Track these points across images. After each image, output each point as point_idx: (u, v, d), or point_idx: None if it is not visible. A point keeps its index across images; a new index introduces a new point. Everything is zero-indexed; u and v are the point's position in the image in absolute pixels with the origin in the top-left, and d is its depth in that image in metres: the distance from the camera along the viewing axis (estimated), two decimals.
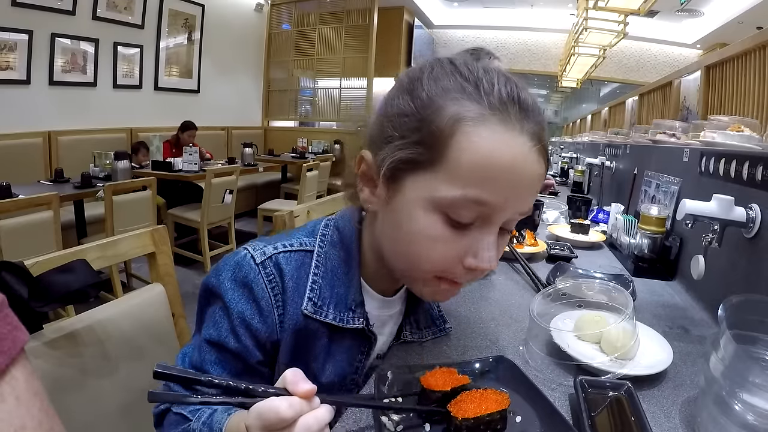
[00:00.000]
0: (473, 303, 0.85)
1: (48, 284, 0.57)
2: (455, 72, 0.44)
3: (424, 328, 0.65)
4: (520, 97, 0.44)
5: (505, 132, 0.42)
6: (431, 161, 0.43)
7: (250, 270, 0.50)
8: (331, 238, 0.55)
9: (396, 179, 0.45)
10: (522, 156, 0.42)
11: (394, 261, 0.50)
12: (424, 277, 0.48)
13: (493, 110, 0.42)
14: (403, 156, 0.44)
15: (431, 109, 0.42)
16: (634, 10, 3.94)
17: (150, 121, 4.71)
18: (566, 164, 3.33)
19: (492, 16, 8.36)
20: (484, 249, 0.45)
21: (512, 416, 0.49)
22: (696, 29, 7.25)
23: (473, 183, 0.42)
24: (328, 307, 0.52)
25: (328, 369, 0.54)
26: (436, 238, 0.44)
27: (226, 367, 0.50)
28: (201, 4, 5.29)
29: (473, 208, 0.43)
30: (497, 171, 0.42)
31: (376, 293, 0.57)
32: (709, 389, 0.46)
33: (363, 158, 0.48)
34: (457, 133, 0.41)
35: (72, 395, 0.61)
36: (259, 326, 0.50)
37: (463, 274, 0.46)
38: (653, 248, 1.10)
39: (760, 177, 0.76)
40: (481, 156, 0.41)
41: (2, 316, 0.23)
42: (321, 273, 0.53)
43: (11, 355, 0.23)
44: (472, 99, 0.42)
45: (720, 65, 2.31)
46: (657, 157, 1.43)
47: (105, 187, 2.54)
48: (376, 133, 0.47)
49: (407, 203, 0.44)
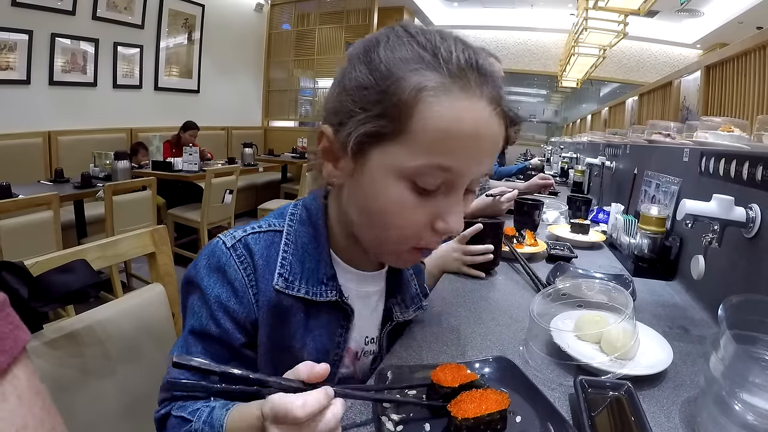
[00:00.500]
0: (473, 303, 0.85)
1: (48, 284, 0.57)
2: (412, 41, 0.45)
3: (410, 306, 0.66)
4: (478, 62, 0.44)
5: (466, 99, 0.43)
6: (395, 132, 0.43)
7: (222, 254, 0.51)
8: (299, 216, 0.56)
9: (361, 152, 0.46)
10: (483, 121, 0.44)
11: (363, 231, 0.51)
12: (395, 248, 0.49)
13: (453, 78, 0.43)
14: (367, 130, 0.44)
15: (391, 81, 0.43)
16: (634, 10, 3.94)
17: (150, 121, 4.71)
18: (566, 164, 3.33)
19: (492, 16, 8.36)
20: (451, 213, 0.46)
21: (512, 416, 0.49)
22: (696, 29, 7.25)
23: (438, 151, 0.43)
24: (300, 282, 0.53)
25: (309, 345, 0.54)
26: (404, 206, 0.45)
27: (213, 357, 0.51)
28: (201, 4, 5.29)
29: (438, 174, 0.44)
30: (461, 138, 0.43)
31: (351, 267, 0.58)
32: (709, 389, 0.46)
33: (323, 134, 0.49)
34: (420, 103, 0.42)
35: (72, 395, 0.61)
36: (237, 307, 0.51)
37: (432, 239, 0.48)
38: (653, 248, 1.10)
39: (760, 177, 0.76)
40: (444, 124, 0.42)
41: (4, 315, 0.23)
42: (291, 250, 0.54)
43: (13, 354, 0.23)
44: (432, 68, 0.43)
45: (720, 65, 2.31)
46: (657, 157, 1.43)
47: (105, 187, 2.54)
48: (335, 108, 0.48)
49: (374, 174, 0.45)
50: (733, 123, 1.21)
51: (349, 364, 0.61)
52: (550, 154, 4.71)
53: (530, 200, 1.43)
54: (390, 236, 0.48)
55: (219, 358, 0.51)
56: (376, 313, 0.63)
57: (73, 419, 0.61)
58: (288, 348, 0.53)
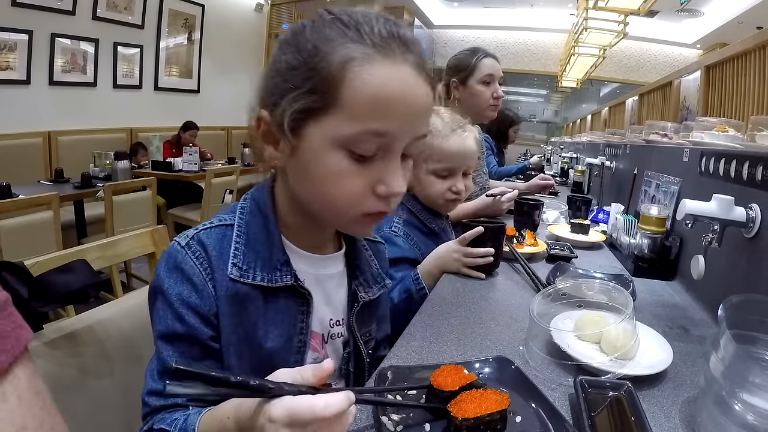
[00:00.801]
0: (473, 303, 0.85)
1: (48, 284, 0.57)
2: (335, 21, 0.48)
3: (373, 285, 0.66)
4: (400, 33, 0.48)
5: (392, 65, 0.46)
6: (328, 105, 0.46)
7: (178, 253, 0.53)
8: (249, 209, 0.57)
9: (298, 129, 0.48)
10: (409, 85, 0.47)
11: (314, 207, 0.52)
12: (348, 217, 0.51)
13: (377, 48, 0.46)
14: (300, 106, 0.46)
15: (319, 57, 0.46)
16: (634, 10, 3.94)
17: (150, 121, 4.71)
18: (566, 164, 3.33)
19: (492, 16, 8.36)
20: (390, 175, 0.49)
21: (512, 416, 0.49)
22: (696, 29, 7.25)
23: (370, 117, 0.46)
24: (255, 270, 0.54)
25: (272, 333, 0.55)
26: (344, 174, 0.47)
27: (186, 357, 0.51)
28: (201, 4, 5.29)
29: (373, 140, 0.47)
30: (389, 102, 0.46)
31: (305, 252, 0.58)
32: (709, 389, 0.46)
33: (261, 118, 0.50)
34: (348, 74, 0.45)
35: (72, 395, 0.61)
36: (198, 302, 0.52)
37: (377, 204, 0.50)
38: (653, 248, 1.10)
39: (760, 177, 0.76)
40: (372, 90, 0.45)
41: (6, 314, 0.23)
42: (243, 241, 0.55)
43: (14, 353, 0.23)
44: (356, 41, 0.46)
45: (720, 65, 2.31)
46: (657, 157, 1.43)
47: (105, 187, 2.54)
48: (268, 92, 0.50)
49: (312, 148, 0.48)
50: (728, 123, 1.25)
51: (318, 347, 0.61)
52: (550, 154, 4.70)
53: (530, 200, 1.43)
54: (337, 205, 0.49)
55: (190, 357, 0.52)
56: (339, 295, 0.63)
57: (73, 419, 0.61)
58: (251, 338, 0.54)
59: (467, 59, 1.61)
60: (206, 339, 0.52)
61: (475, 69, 1.60)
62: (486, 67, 1.60)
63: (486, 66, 1.60)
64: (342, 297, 0.63)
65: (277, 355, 0.55)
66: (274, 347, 0.55)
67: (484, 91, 1.61)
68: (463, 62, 1.62)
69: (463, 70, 1.62)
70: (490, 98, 1.62)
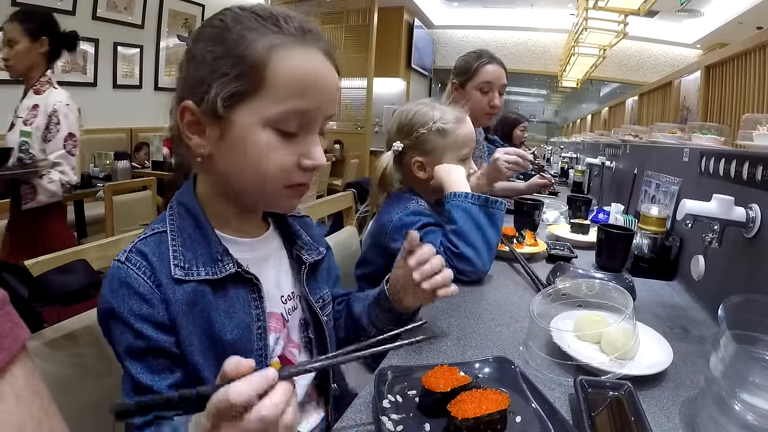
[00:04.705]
0: (473, 303, 0.85)
1: (48, 284, 0.57)
2: (252, 15, 0.53)
3: (312, 251, 0.68)
4: (309, 26, 0.55)
5: (307, 52, 0.53)
6: (255, 88, 0.51)
7: (119, 270, 0.52)
8: (177, 213, 0.58)
9: (227, 113, 0.51)
10: (322, 68, 0.54)
11: (244, 186, 0.55)
12: (276, 190, 0.55)
13: (294, 37, 0.52)
14: (229, 90, 0.51)
15: (244, 45, 0.51)
16: (634, 10, 3.95)
17: (150, 121, 4.70)
18: (566, 164, 3.32)
19: (492, 16, 8.36)
20: (312, 149, 0.55)
21: (512, 416, 0.49)
22: (696, 29, 7.25)
23: (292, 97, 0.52)
24: (197, 267, 0.55)
25: (229, 325, 0.55)
26: (272, 149, 0.52)
27: (154, 370, 0.51)
28: (201, 4, 5.29)
29: (297, 118, 0.52)
30: (308, 83, 0.52)
31: (240, 238, 0.60)
32: (709, 389, 0.46)
33: (186, 108, 0.53)
34: (272, 58, 0.51)
35: (72, 395, 0.61)
36: (151, 311, 0.51)
37: (302, 175, 0.55)
38: (653, 248, 1.10)
39: (760, 177, 0.76)
40: (294, 73, 0.51)
41: (3, 313, 0.23)
42: (179, 243, 0.55)
43: (12, 352, 0.22)
44: (275, 32, 0.52)
45: (720, 65, 2.31)
46: (657, 157, 1.43)
47: (105, 187, 2.54)
48: (193, 84, 0.53)
49: (242, 130, 0.52)
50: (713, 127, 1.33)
51: (279, 327, 0.62)
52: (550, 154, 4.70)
53: (530, 200, 1.43)
54: (267, 178, 0.53)
55: (159, 368, 0.52)
56: (283, 269, 0.66)
57: (73, 419, 0.61)
58: (209, 334, 0.54)
59: (470, 63, 1.59)
60: (170, 348, 0.52)
61: (475, 74, 1.58)
62: (486, 74, 1.57)
63: (486, 73, 1.57)
64: (286, 270, 0.66)
65: (240, 345, 0.55)
66: (233, 338, 0.55)
67: (481, 99, 1.58)
68: (465, 65, 1.60)
69: (464, 73, 1.60)
70: (486, 106, 1.59)
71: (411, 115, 1.06)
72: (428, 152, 1.04)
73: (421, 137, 1.03)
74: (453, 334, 0.71)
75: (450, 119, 1.04)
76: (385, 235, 0.99)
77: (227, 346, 0.54)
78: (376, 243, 1.04)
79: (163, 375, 0.52)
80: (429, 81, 8.96)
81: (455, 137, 1.04)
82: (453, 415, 0.46)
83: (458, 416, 0.45)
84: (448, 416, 0.46)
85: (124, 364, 0.52)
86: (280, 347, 0.62)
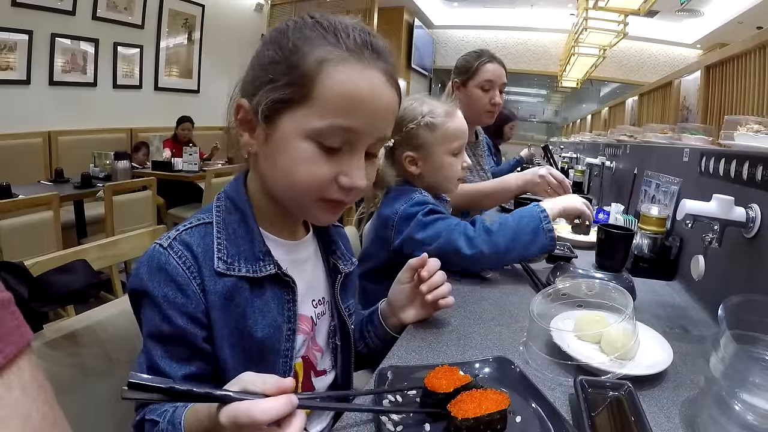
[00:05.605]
0: (473, 303, 0.85)
1: (48, 284, 0.57)
2: (316, 25, 0.53)
3: (348, 260, 0.70)
4: (372, 42, 0.53)
5: (362, 69, 0.51)
6: (302, 98, 0.51)
7: (161, 255, 0.53)
8: (225, 206, 0.59)
9: (273, 118, 0.52)
10: (377, 87, 0.52)
11: (281, 192, 0.56)
12: (310, 201, 0.55)
13: (351, 52, 0.51)
14: (276, 96, 0.51)
15: (298, 55, 0.51)
16: (634, 10, 3.95)
17: (150, 121, 4.70)
18: (566, 164, 3.32)
19: (492, 16, 8.36)
20: (353, 168, 0.53)
21: (512, 416, 0.49)
22: (696, 29, 7.25)
23: (339, 113, 0.50)
24: (239, 263, 0.55)
25: (262, 323, 0.56)
26: (312, 162, 0.52)
27: (174, 357, 0.52)
28: (201, 4, 5.28)
29: (341, 134, 0.51)
30: (357, 101, 0.51)
31: (282, 239, 0.61)
32: (709, 389, 0.46)
33: (240, 105, 0.54)
34: (322, 72, 0.50)
35: (72, 395, 0.61)
36: (184, 301, 0.52)
37: (339, 192, 0.54)
38: (653, 248, 1.10)
39: (760, 177, 0.76)
40: (343, 89, 0.50)
41: (11, 311, 0.24)
42: (224, 237, 0.56)
43: (19, 347, 0.23)
44: (332, 44, 0.51)
45: (720, 65, 2.31)
46: (657, 157, 1.43)
47: (105, 187, 2.54)
48: (250, 82, 0.54)
49: (285, 137, 0.52)
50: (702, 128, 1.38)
51: (308, 329, 0.63)
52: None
53: (530, 200, 1.43)
54: (300, 188, 0.53)
55: (179, 356, 0.52)
56: (317, 275, 0.66)
57: (73, 419, 0.61)
58: (241, 329, 0.55)
59: (471, 62, 1.62)
60: (195, 339, 0.53)
61: (476, 73, 1.60)
62: (486, 73, 1.60)
63: (487, 71, 1.60)
64: (320, 276, 0.67)
65: (268, 344, 0.56)
66: (264, 336, 0.56)
67: (482, 97, 1.61)
68: (466, 64, 1.63)
69: (465, 72, 1.63)
70: (487, 104, 1.62)
71: (401, 110, 1.06)
72: (418, 147, 1.04)
73: (410, 132, 1.04)
74: (453, 334, 0.71)
75: (439, 113, 1.04)
76: (391, 228, 1.00)
77: (256, 343, 0.55)
78: (379, 237, 1.04)
79: (181, 364, 0.52)
80: (429, 81, 8.96)
81: (444, 131, 1.04)
82: (453, 415, 0.46)
83: (458, 416, 0.45)
84: (448, 416, 0.46)
85: (145, 343, 0.53)
86: (305, 348, 0.63)
